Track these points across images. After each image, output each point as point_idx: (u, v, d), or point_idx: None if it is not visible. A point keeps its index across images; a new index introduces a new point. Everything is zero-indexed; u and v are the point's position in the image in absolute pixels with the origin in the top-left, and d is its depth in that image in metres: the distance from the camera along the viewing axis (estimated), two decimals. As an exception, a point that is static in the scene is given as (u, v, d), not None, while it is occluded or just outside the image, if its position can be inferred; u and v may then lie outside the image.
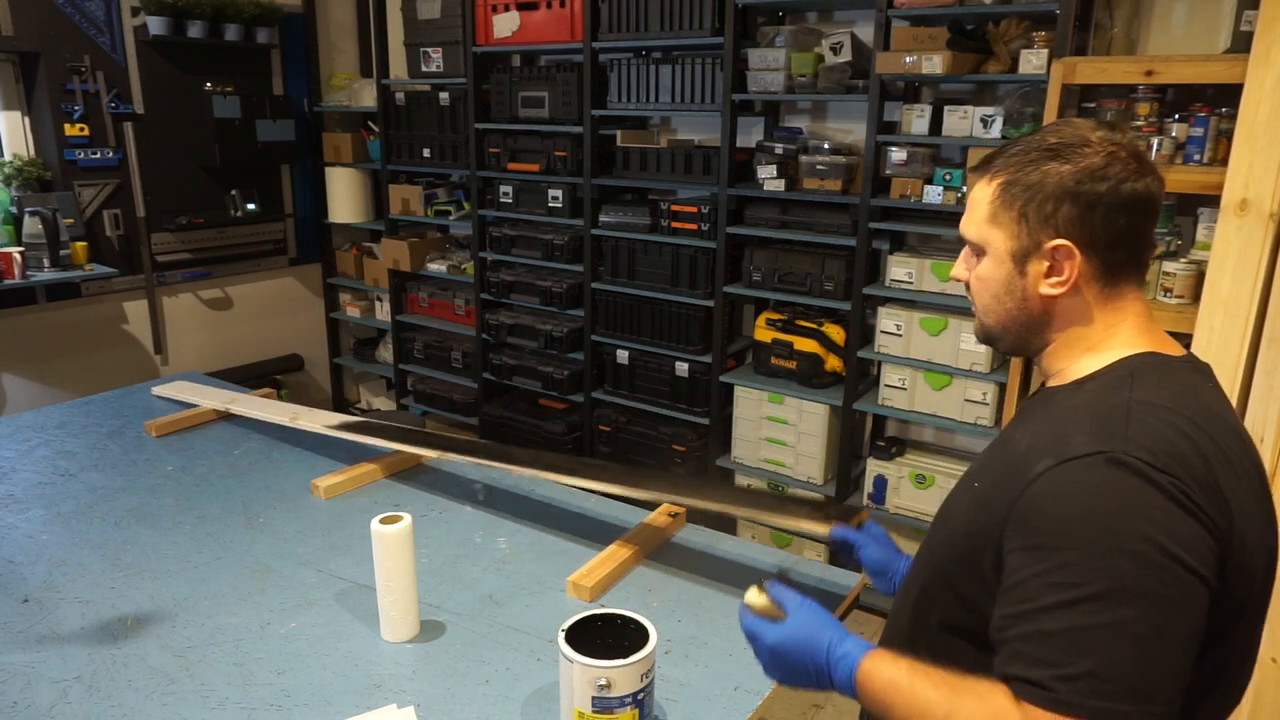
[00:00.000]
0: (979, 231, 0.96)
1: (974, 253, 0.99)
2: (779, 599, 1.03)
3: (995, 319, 0.99)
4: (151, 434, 2.18)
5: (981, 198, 0.96)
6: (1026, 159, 0.92)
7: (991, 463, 0.97)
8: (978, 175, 0.97)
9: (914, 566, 1.07)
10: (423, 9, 3.78)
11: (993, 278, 0.97)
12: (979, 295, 1.00)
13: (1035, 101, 2.61)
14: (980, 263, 0.98)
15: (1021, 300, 0.95)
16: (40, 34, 3.36)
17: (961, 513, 0.96)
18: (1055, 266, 0.92)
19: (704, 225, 3.27)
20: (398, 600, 1.35)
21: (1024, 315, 0.96)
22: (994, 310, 0.99)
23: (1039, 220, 0.91)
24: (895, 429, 3.35)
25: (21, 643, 1.34)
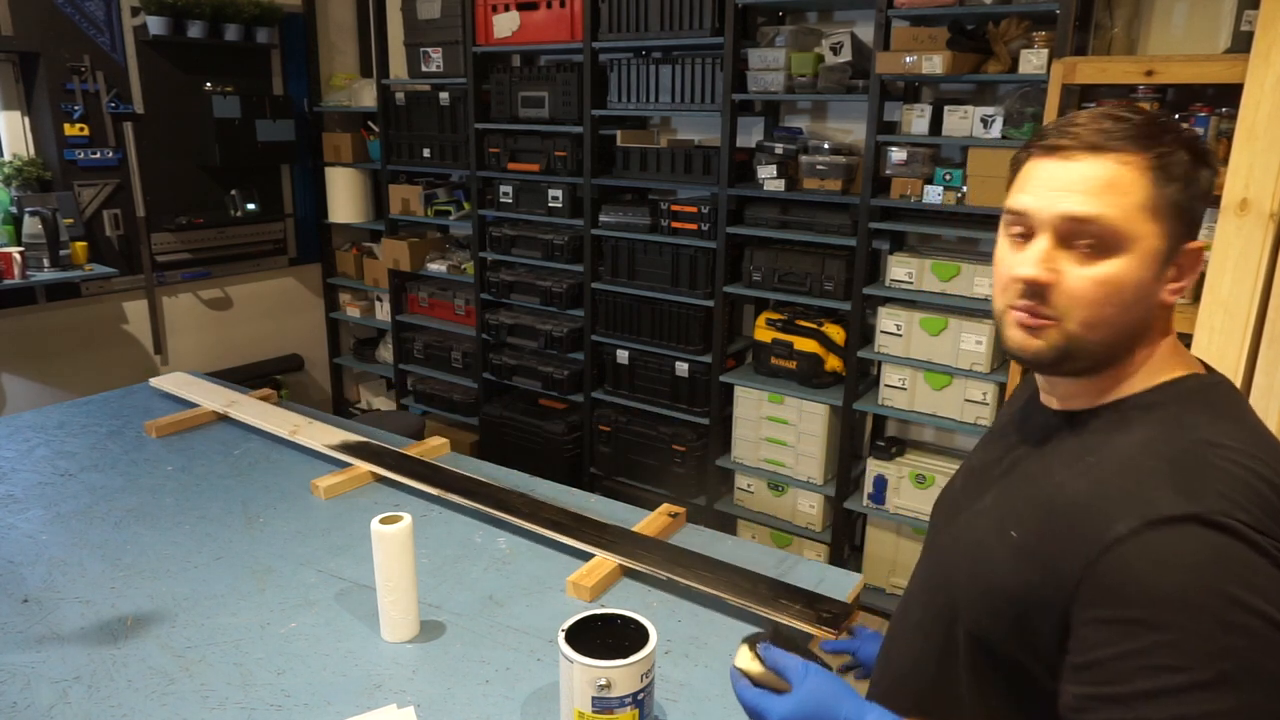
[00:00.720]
0: (1127, 220, 0.77)
1: (1088, 246, 0.79)
2: (778, 667, 0.90)
3: (1106, 334, 0.80)
4: (151, 434, 2.18)
5: (1125, 179, 0.78)
6: (1180, 142, 0.79)
7: (1029, 508, 0.82)
8: (1109, 150, 0.78)
9: (928, 604, 0.94)
10: (423, 9, 3.78)
11: (1129, 281, 0.78)
12: (1094, 304, 0.79)
13: (1035, 101, 2.61)
14: (1105, 260, 0.78)
15: (1146, 310, 0.81)
16: (40, 34, 3.36)
17: (1001, 565, 0.82)
18: (1181, 271, 0.81)
19: (704, 225, 3.27)
20: (398, 600, 1.35)
21: (1139, 328, 0.82)
22: (1113, 323, 0.80)
23: (1189, 220, 0.79)
24: (895, 429, 3.35)
25: (21, 643, 1.34)
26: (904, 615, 1.00)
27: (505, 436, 3.92)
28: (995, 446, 0.97)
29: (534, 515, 1.72)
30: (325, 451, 2.04)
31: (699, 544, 1.66)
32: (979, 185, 2.70)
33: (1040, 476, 0.84)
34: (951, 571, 0.90)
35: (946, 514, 0.99)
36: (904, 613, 1.01)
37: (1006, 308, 0.84)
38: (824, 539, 3.28)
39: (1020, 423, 0.96)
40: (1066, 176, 0.79)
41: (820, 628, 1.36)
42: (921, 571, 1.00)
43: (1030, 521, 0.81)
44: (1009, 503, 0.86)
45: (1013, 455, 0.92)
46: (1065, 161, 0.80)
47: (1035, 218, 0.81)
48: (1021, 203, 0.83)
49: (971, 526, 0.90)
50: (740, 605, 1.43)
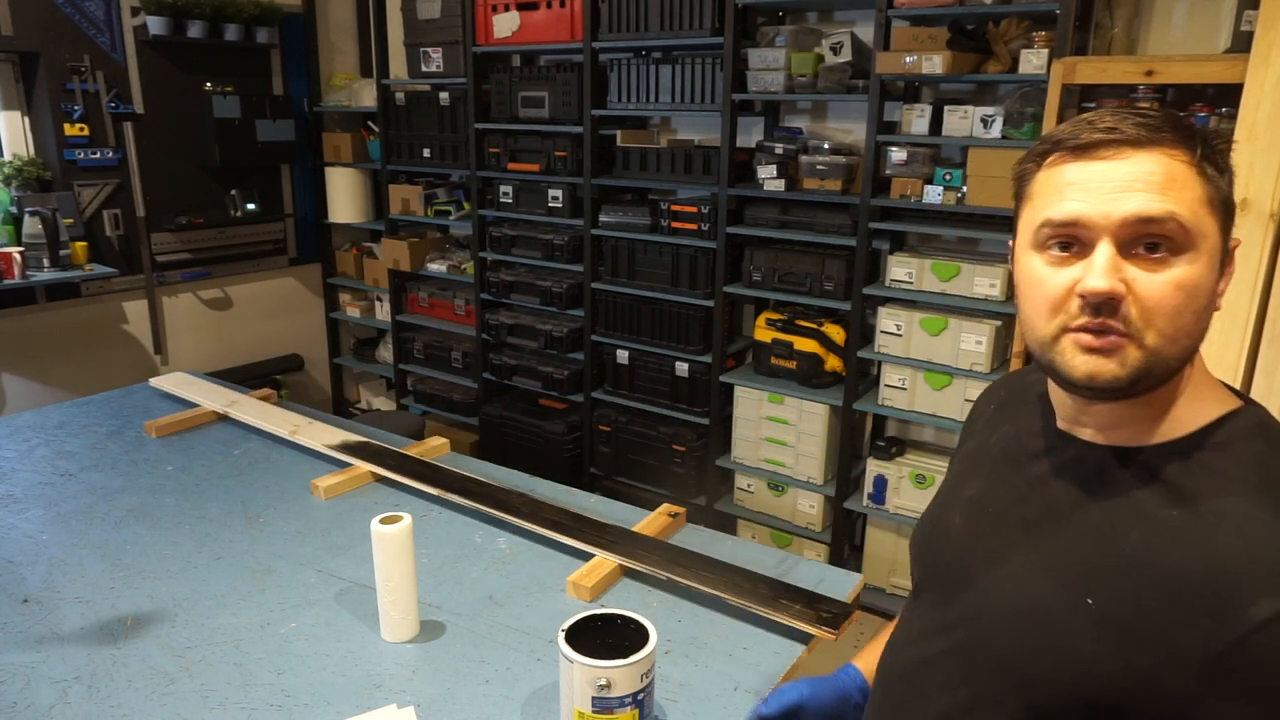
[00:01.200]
0: (1195, 217, 0.70)
1: (1155, 248, 0.71)
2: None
3: (1185, 345, 0.72)
4: (151, 434, 2.18)
5: (1180, 173, 0.70)
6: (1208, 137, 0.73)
7: (1110, 574, 0.71)
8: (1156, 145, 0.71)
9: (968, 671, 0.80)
10: (423, 9, 3.78)
11: (1204, 285, 0.71)
12: (1174, 312, 0.70)
13: (1035, 101, 2.61)
14: (1176, 263, 0.70)
15: (1209, 316, 0.73)
16: (40, 34, 3.36)
17: (1082, 640, 0.71)
18: (1227, 271, 0.74)
19: (704, 225, 3.27)
20: (398, 600, 1.35)
21: (1203, 336, 0.74)
22: (1192, 332, 0.72)
23: (1232, 215, 0.74)
24: (895, 429, 3.35)
25: (21, 643, 1.34)
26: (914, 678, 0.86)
27: (505, 436, 3.92)
28: (1006, 481, 0.85)
29: (534, 515, 1.72)
30: (325, 451, 2.04)
31: (699, 544, 1.66)
32: (979, 185, 2.70)
33: (1109, 534, 0.73)
34: (1003, 641, 0.77)
35: (955, 559, 0.86)
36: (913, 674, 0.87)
37: (1062, 331, 0.74)
38: (824, 539, 3.28)
39: (1034, 454, 0.84)
40: (1122, 174, 0.71)
41: (820, 628, 1.36)
42: (931, 624, 0.86)
43: (1114, 589, 0.70)
44: (1071, 562, 0.74)
45: (1043, 496, 0.80)
46: (1110, 161, 0.72)
47: (1093, 224, 0.71)
48: (1068, 210, 0.73)
49: (1020, 587, 0.77)
50: (740, 605, 1.43)
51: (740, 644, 1.37)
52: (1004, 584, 0.79)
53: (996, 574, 0.80)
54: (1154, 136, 0.71)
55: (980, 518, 0.85)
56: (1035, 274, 0.76)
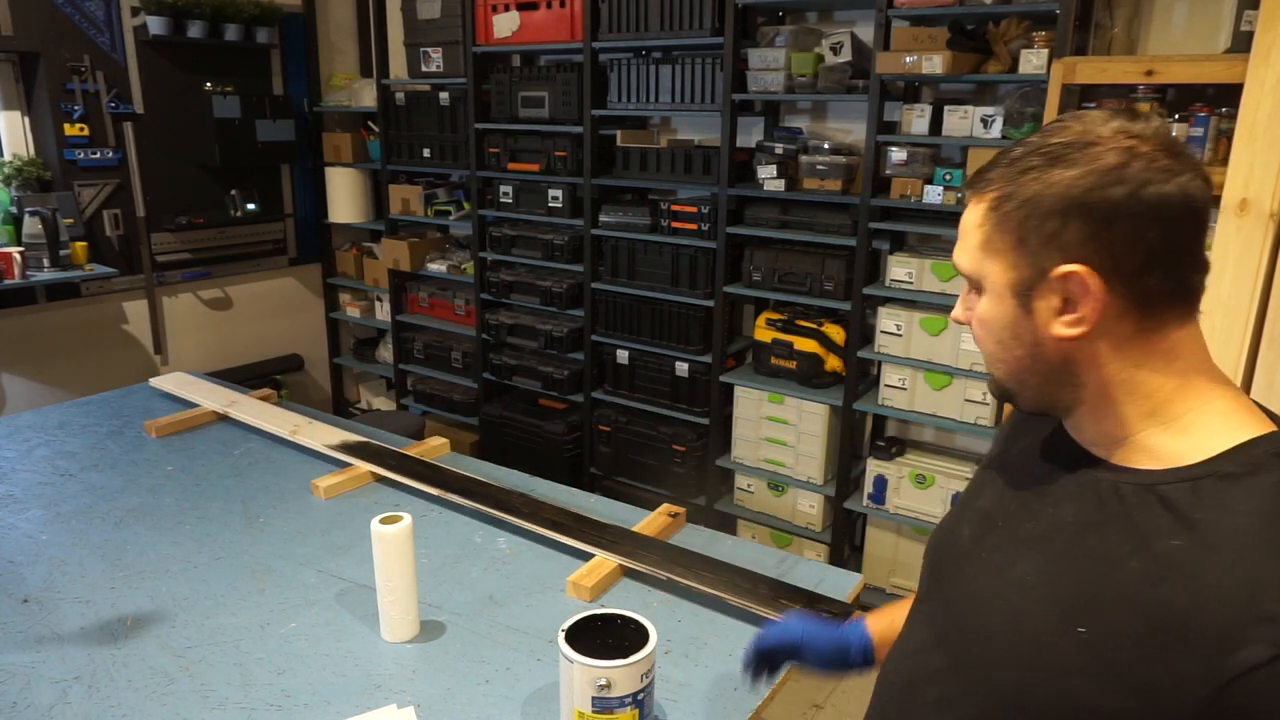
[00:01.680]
0: (972, 262, 0.78)
1: (972, 289, 0.81)
2: None
3: (1006, 370, 0.80)
4: (151, 434, 2.18)
5: (971, 221, 0.78)
6: (1023, 167, 0.73)
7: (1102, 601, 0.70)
8: (970, 194, 0.79)
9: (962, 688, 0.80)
10: (423, 9, 3.78)
11: (994, 319, 0.78)
12: (983, 341, 0.81)
13: (1035, 101, 2.61)
14: (978, 302, 0.80)
15: (1033, 346, 0.76)
16: (40, 34, 3.36)
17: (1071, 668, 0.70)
18: (1071, 301, 0.73)
19: (704, 225, 3.27)
20: (398, 600, 1.35)
21: (1039, 365, 0.77)
22: (1002, 359, 0.80)
23: (1041, 243, 0.72)
24: (895, 429, 3.35)
25: (21, 643, 1.34)
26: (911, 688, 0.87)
27: (505, 436, 3.92)
28: (1015, 494, 0.85)
29: (534, 515, 1.72)
30: (325, 451, 2.04)
31: (699, 544, 1.66)
32: (979, 185, 2.70)
33: (1105, 558, 0.72)
34: (997, 664, 0.77)
35: (958, 571, 0.86)
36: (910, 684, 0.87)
37: None
38: (824, 539, 3.28)
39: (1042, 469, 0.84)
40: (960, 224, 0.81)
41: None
42: (932, 637, 0.87)
43: (1105, 618, 0.69)
44: (1066, 585, 0.73)
45: (1047, 513, 0.79)
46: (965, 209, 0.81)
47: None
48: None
49: (1015, 606, 0.76)
50: (740, 605, 1.43)
51: (740, 644, 1.37)
52: (999, 601, 0.78)
53: (995, 593, 0.79)
54: (976, 183, 0.78)
55: (989, 530, 0.85)
56: None
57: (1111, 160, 0.69)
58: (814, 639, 1.07)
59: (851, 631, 1.08)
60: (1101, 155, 0.70)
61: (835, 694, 2.76)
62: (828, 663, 1.07)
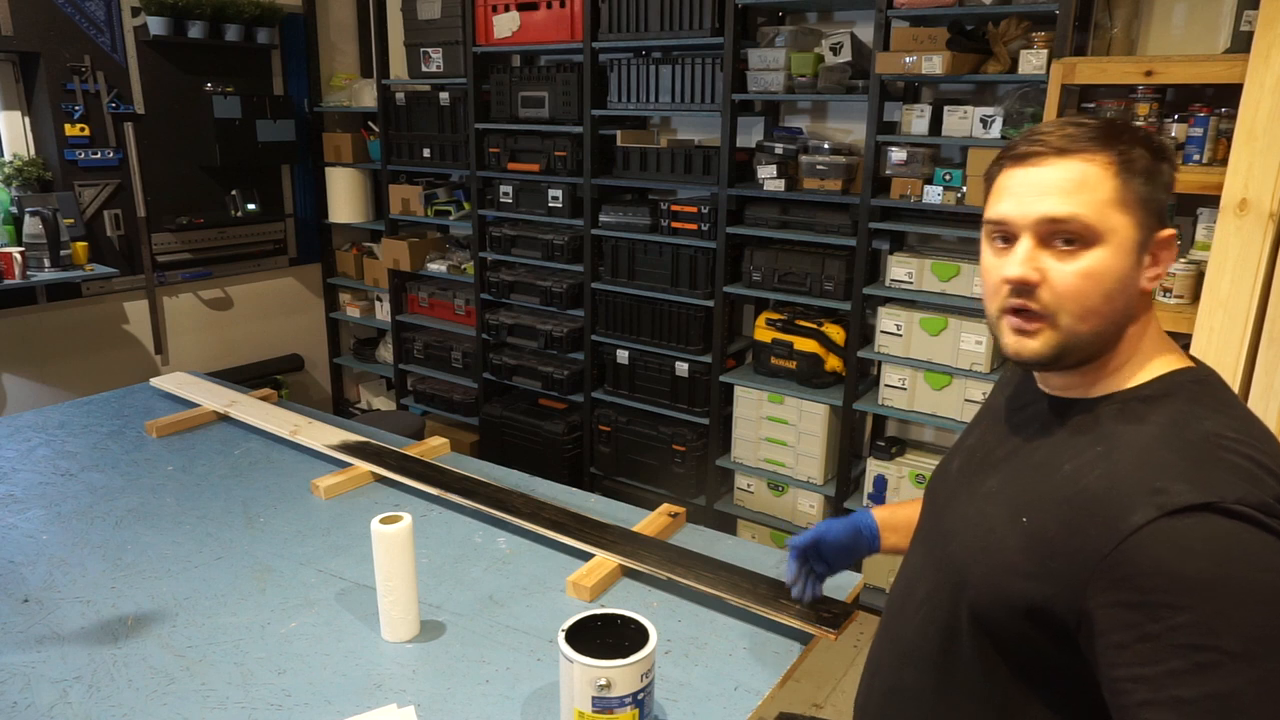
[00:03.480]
0: (1099, 215, 0.84)
1: (1069, 242, 0.85)
2: None
3: (1096, 324, 0.86)
4: (152, 434, 2.18)
5: (1093, 177, 0.84)
6: (1137, 140, 0.85)
7: (1041, 497, 0.86)
8: (1075, 152, 0.85)
9: (936, 581, 0.98)
10: (423, 9, 3.78)
11: (1111, 272, 0.84)
12: (1080, 296, 0.85)
13: (1035, 102, 2.62)
14: (1085, 254, 0.84)
15: (1128, 298, 0.86)
16: (40, 34, 3.36)
17: (1013, 550, 0.86)
18: (1156, 258, 0.87)
19: (704, 225, 3.28)
20: (398, 600, 1.35)
21: (1124, 316, 0.87)
22: (1102, 312, 0.85)
23: (1155, 210, 0.86)
24: (895, 429, 3.35)
25: (21, 643, 1.34)
26: (909, 591, 1.03)
27: (505, 436, 3.92)
28: (994, 430, 1.02)
29: (534, 515, 1.73)
30: (325, 451, 2.04)
31: (699, 544, 1.67)
32: (979, 185, 2.70)
33: (1049, 466, 0.88)
34: (960, 551, 0.94)
35: (946, 493, 1.04)
36: (908, 588, 1.04)
37: (1000, 313, 0.90)
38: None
39: (1017, 407, 1.01)
40: (1040, 180, 0.86)
41: (820, 628, 1.36)
42: (924, 548, 1.05)
43: (1043, 509, 0.85)
44: (1018, 489, 0.90)
45: (1014, 440, 0.97)
46: (1036, 167, 0.86)
47: (1015, 223, 0.87)
48: (1000, 211, 0.89)
49: (980, 509, 0.94)
50: (740, 605, 1.43)
51: (740, 644, 1.37)
52: (968, 511, 0.96)
53: (964, 502, 0.97)
54: (1073, 146, 0.85)
55: (971, 461, 1.03)
56: (984, 263, 0.93)
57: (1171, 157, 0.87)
58: (830, 528, 1.27)
59: (861, 518, 1.28)
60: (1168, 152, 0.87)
61: (835, 694, 2.76)
62: (844, 548, 1.27)
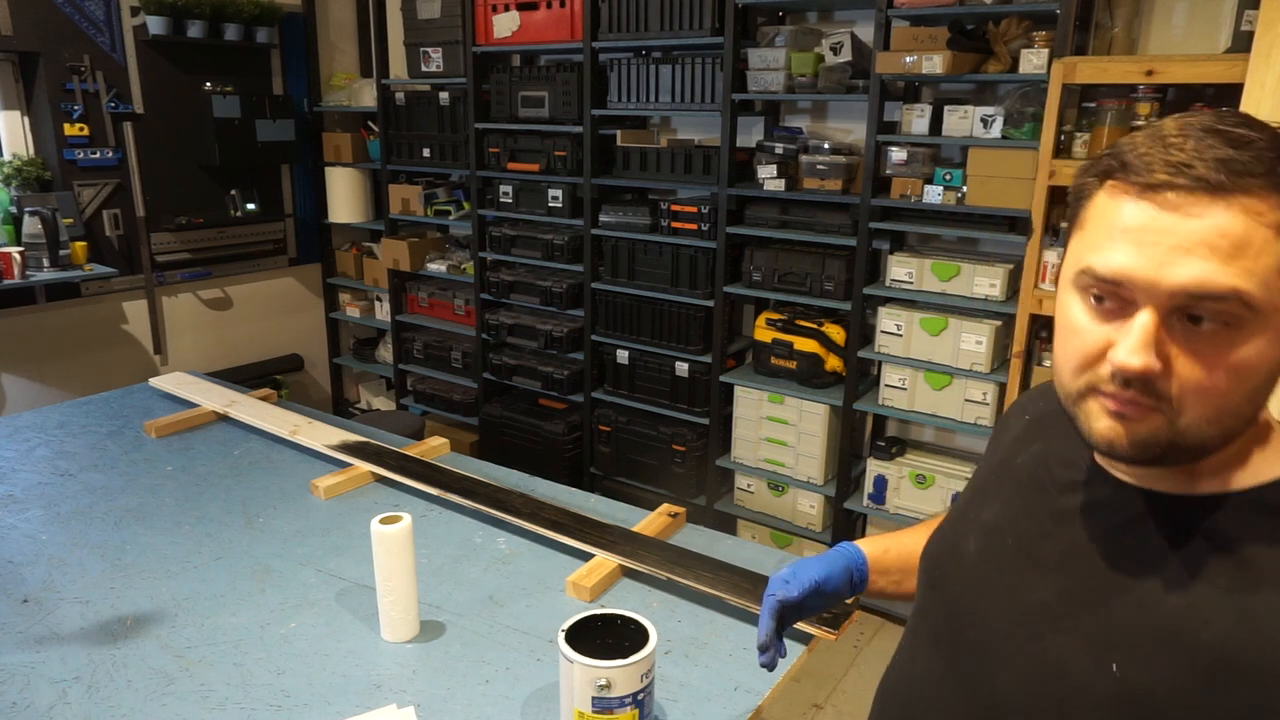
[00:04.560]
0: (1268, 293, 0.58)
1: (1214, 323, 0.60)
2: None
3: (1231, 425, 0.63)
4: (151, 434, 2.17)
5: (1257, 234, 0.58)
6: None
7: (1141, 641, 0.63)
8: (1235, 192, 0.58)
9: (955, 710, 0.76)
10: (423, 9, 3.78)
11: (1264, 366, 0.61)
12: (1220, 395, 0.61)
13: (1035, 101, 2.61)
14: (1236, 342, 0.60)
15: (1270, 389, 0.63)
16: (40, 34, 3.36)
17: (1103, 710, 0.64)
18: None
19: (704, 225, 3.27)
20: (398, 600, 1.35)
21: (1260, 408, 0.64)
22: (1242, 414, 0.62)
23: None
24: (895, 429, 3.35)
25: (21, 643, 1.34)
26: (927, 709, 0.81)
27: (505, 436, 3.92)
28: (1027, 508, 0.77)
29: (534, 515, 1.72)
30: (325, 451, 2.04)
31: (699, 544, 1.66)
32: (979, 185, 2.70)
33: (1145, 595, 0.65)
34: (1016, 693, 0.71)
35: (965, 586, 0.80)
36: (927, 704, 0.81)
37: (1089, 389, 0.65)
38: (824, 539, 3.28)
39: (1063, 484, 0.75)
40: (1185, 232, 0.59)
41: (820, 628, 1.36)
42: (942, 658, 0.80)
43: (1146, 660, 0.62)
44: (1095, 617, 0.66)
45: (1068, 534, 0.72)
46: (1177, 213, 0.59)
47: (1139, 287, 0.61)
48: (1115, 265, 0.61)
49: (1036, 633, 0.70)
50: (740, 605, 1.43)
51: (740, 644, 1.37)
52: (1019, 629, 0.71)
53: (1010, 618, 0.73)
54: (1236, 182, 0.58)
55: (996, 548, 0.78)
56: (1071, 320, 0.66)
57: None
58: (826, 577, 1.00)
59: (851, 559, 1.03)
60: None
61: (835, 694, 2.76)
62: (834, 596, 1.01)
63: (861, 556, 1.04)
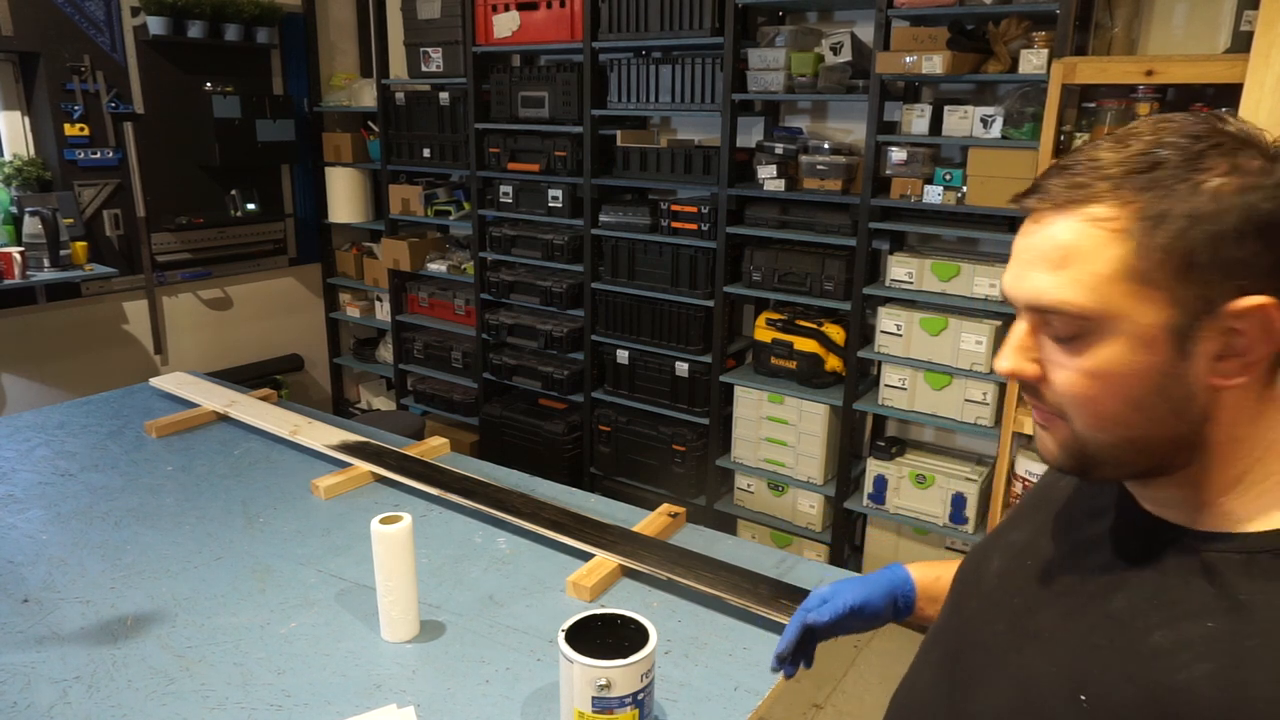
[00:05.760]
0: (1096, 298, 0.58)
1: (1061, 333, 0.61)
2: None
3: (1124, 433, 0.61)
4: (151, 434, 2.18)
5: (1088, 241, 0.58)
6: (1170, 171, 0.56)
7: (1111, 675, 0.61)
8: (1063, 205, 0.59)
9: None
10: (423, 9, 3.78)
11: (1131, 371, 0.59)
12: (1089, 402, 0.61)
13: (1035, 101, 2.62)
14: (1088, 350, 0.60)
15: (1183, 402, 0.59)
16: (40, 34, 3.36)
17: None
18: (1237, 341, 0.57)
19: (704, 225, 3.27)
20: (398, 600, 1.35)
21: (1180, 427, 0.60)
22: (1126, 422, 0.61)
23: (1218, 271, 0.56)
24: (895, 429, 3.35)
25: (21, 643, 1.34)
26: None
27: (505, 436, 3.92)
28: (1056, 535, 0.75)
29: (534, 515, 1.72)
30: (325, 451, 2.04)
31: (699, 544, 1.66)
32: (979, 185, 2.70)
33: (1128, 626, 0.62)
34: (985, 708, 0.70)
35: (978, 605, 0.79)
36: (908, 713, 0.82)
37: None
38: (824, 539, 3.28)
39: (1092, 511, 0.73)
40: (1032, 246, 0.62)
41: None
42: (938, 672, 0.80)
43: (1110, 692, 0.60)
44: (1078, 648, 0.64)
45: (1081, 563, 0.70)
46: (1033, 225, 0.62)
47: (1011, 301, 0.65)
48: (1004, 282, 0.66)
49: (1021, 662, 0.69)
50: (740, 605, 1.43)
51: (740, 644, 1.37)
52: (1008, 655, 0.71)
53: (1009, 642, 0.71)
54: (1079, 195, 0.59)
55: (1016, 569, 0.76)
56: None
57: (1259, 163, 0.56)
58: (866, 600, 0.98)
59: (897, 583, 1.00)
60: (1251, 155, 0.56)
61: (835, 694, 2.76)
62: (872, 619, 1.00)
63: (910, 583, 1.00)
